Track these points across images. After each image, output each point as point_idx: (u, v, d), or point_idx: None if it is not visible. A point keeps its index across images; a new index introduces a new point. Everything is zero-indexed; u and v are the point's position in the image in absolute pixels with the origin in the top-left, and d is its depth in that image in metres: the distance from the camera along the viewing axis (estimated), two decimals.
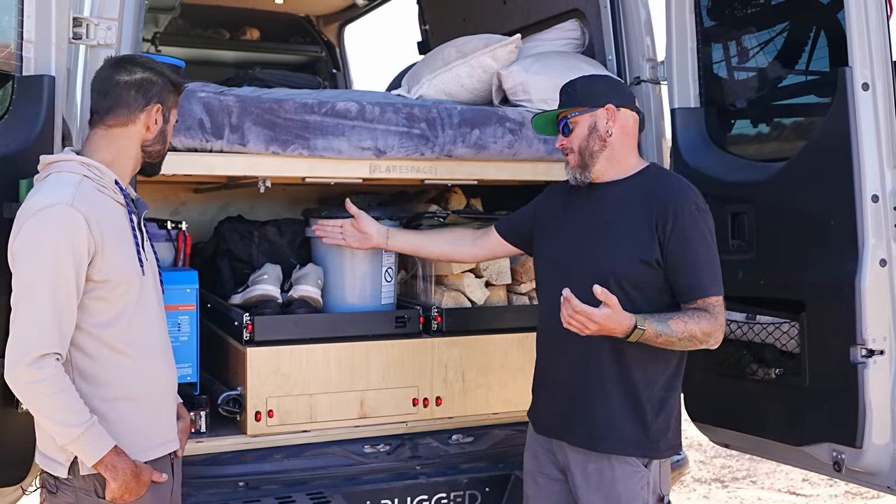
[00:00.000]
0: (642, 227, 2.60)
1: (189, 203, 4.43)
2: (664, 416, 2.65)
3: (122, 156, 2.41)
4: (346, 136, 3.20)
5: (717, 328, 2.56)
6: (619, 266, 2.61)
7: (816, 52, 3.10)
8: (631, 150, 2.75)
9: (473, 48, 3.56)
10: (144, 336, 2.38)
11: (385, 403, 3.36)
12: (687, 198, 2.62)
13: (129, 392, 2.34)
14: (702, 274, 2.57)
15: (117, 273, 2.29)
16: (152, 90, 2.44)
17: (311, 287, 3.33)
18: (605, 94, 2.73)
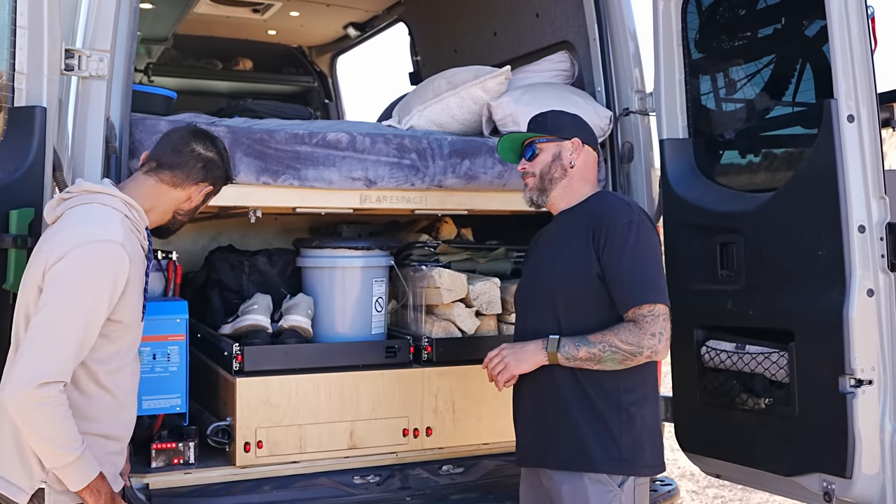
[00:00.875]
0: (582, 245, 2.68)
1: (180, 232, 4.41)
2: (635, 433, 2.66)
3: (157, 210, 2.49)
4: (337, 167, 3.22)
5: (644, 338, 2.58)
6: (563, 284, 2.71)
7: (803, 83, 3.13)
8: (586, 183, 2.84)
9: (464, 79, 3.59)
10: (127, 378, 2.42)
11: (375, 434, 3.35)
12: (620, 213, 2.69)
13: (108, 430, 2.37)
14: (630, 284, 2.62)
15: (128, 316, 2.35)
16: (214, 172, 2.56)
17: (302, 317, 3.33)
18: (574, 129, 2.85)
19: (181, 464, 3.15)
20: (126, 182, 2.55)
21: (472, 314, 3.56)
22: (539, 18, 4.23)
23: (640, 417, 2.69)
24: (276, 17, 6.01)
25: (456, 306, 3.53)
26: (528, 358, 2.69)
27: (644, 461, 2.68)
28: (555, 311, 2.71)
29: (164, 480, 3.10)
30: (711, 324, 3.27)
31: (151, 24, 5.44)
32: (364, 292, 3.46)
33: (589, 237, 2.67)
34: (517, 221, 4.19)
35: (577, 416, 2.66)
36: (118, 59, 2.95)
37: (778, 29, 3.25)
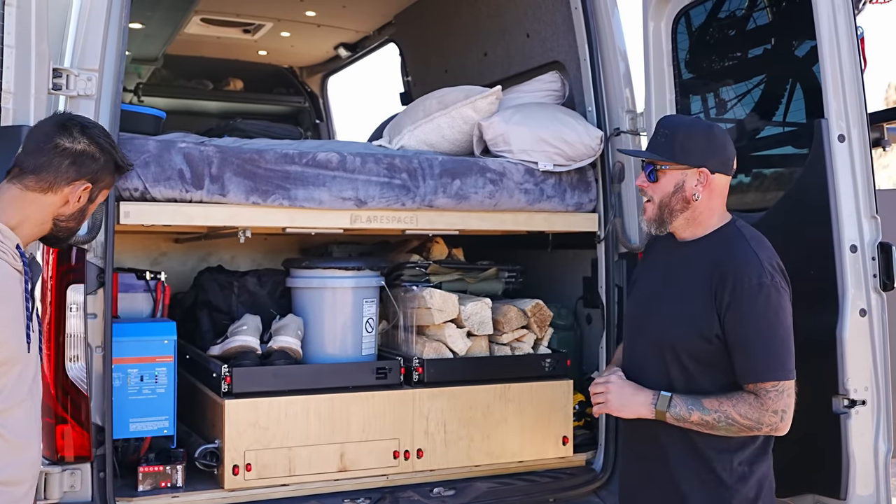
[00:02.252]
0: (703, 299, 2.42)
1: (169, 253, 4.40)
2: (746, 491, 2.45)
3: (28, 222, 2.20)
4: (327, 187, 3.20)
5: (764, 415, 2.35)
6: (678, 339, 2.46)
7: (792, 104, 3.14)
8: (714, 212, 2.54)
9: (454, 99, 3.59)
10: (20, 417, 2.14)
11: (365, 456, 3.31)
12: (749, 270, 2.39)
13: (6, 476, 2.11)
14: (755, 356, 2.37)
15: (5, 352, 2.07)
16: (90, 166, 2.25)
17: (291, 338, 3.30)
18: (704, 155, 2.49)
19: (169, 487, 3.10)
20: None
21: (464, 335, 3.54)
22: (529, 39, 4.24)
23: (757, 474, 2.48)
24: (266, 37, 6.02)
25: (447, 327, 3.51)
26: (632, 407, 2.47)
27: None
28: (663, 360, 2.50)
29: None
30: None
31: (142, 44, 5.44)
32: (354, 313, 3.43)
33: (711, 291, 2.41)
34: (508, 241, 4.18)
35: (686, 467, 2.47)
36: (106, 79, 2.92)
37: (768, 49, 3.27)
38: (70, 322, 2.82)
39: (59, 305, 2.82)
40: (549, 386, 3.58)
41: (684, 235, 2.56)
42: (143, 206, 3.01)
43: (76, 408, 2.83)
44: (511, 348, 3.64)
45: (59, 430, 2.82)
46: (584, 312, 3.97)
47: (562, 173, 3.56)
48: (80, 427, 2.84)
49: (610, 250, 3.63)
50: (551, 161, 3.51)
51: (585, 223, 3.64)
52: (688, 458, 2.47)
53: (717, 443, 2.43)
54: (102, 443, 2.88)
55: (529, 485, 3.49)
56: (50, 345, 2.81)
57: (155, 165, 3.00)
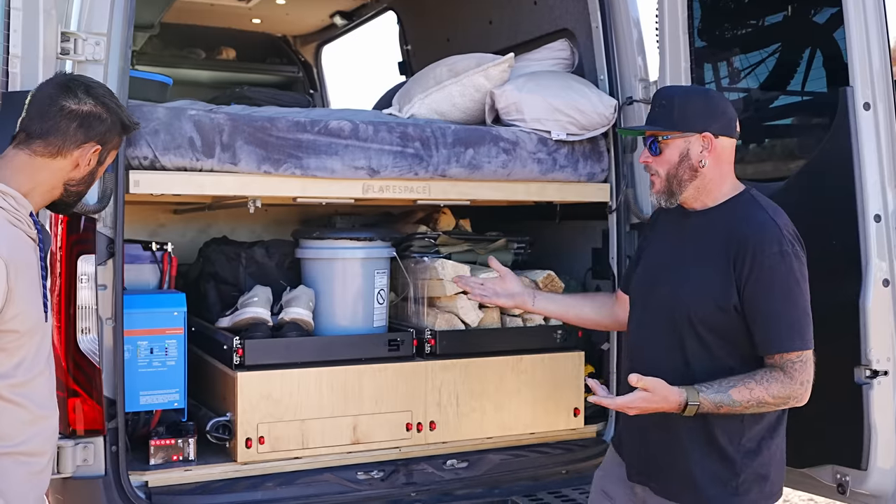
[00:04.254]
0: (719, 268, 2.37)
1: (168, 224, 4.33)
2: (755, 468, 2.41)
3: (39, 189, 2.14)
4: (340, 156, 3.13)
5: (794, 388, 2.32)
6: (694, 310, 2.39)
7: (812, 71, 3.10)
8: (725, 179, 2.48)
9: (466, 67, 3.52)
10: (40, 388, 2.12)
11: (378, 428, 3.28)
12: (769, 237, 2.33)
13: (27, 447, 2.09)
14: (779, 326, 2.31)
15: (24, 324, 2.03)
16: (97, 128, 2.19)
17: (303, 309, 3.25)
18: (705, 119, 2.43)
19: (181, 460, 3.06)
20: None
21: (476, 306, 3.50)
22: (537, 6, 4.17)
23: (765, 449, 2.43)
24: (261, 5, 5.89)
25: (459, 298, 3.47)
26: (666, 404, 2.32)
27: (763, 491, 2.43)
28: (680, 339, 2.43)
29: (164, 478, 3.01)
30: None
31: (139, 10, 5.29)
32: (366, 284, 3.38)
33: (729, 261, 2.34)
34: (515, 212, 4.14)
35: (695, 452, 2.41)
36: (114, 43, 2.84)
37: (787, 16, 3.22)
38: (81, 293, 2.76)
39: (70, 276, 2.75)
40: (561, 357, 3.56)
41: (695, 206, 2.50)
42: (153, 175, 2.93)
43: (88, 381, 2.77)
44: (523, 320, 3.60)
45: (71, 403, 2.76)
46: (594, 284, 3.93)
47: (574, 143, 3.51)
48: (93, 400, 2.78)
49: (622, 221, 3.60)
50: (564, 130, 3.46)
51: (597, 193, 3.59)
52: (696, 434, 2.41)
53: (729, 420, 2.37)
54: (114, 416, 2.83)
55: (542, 456, 3.48)
56: (60, 317, 2.75)
57: (165, 133, 2.92)
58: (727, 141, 2.47)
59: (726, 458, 2.39)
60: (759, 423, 2.40)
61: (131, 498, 2.82)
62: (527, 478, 3.39)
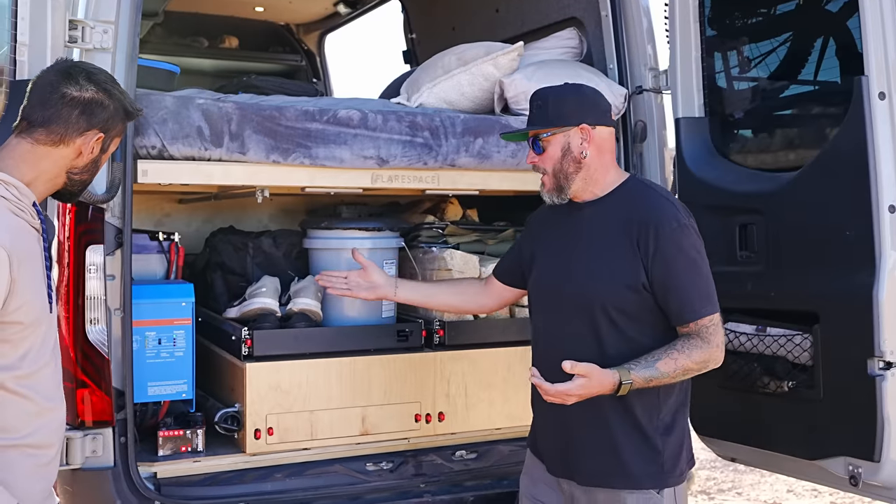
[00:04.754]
0: (623, 250, 2.45)
1: (173, 214, 4.30)
2: (674, 441, 2.51)
3: (42, 178, 2.10)
4: (349, 145, 3.11)
5: (712, 351, 2.43)
6: (603, 294, 2.46)
7: (826, 60, 3.07)
8: (609, 168, 2.58)
9: (474, 56, 3.49)
10: (45, 379, 2.09)
11: (387, 419, 3.27)
12: (667, 215, 2.46)
13: (34, 439, 2.06)
14: (690, 295, 2.42)
15: (28, 315, 2.00)
16: (100, 115, 2.15)
17: (311, 300, 3.24)
18: (579, 112, 2.54)
19: (189, 451, 3.05)
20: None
21: None
22: None
23: (680, 424, 2.53)
24: None
25: None
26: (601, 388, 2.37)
27: (681, 468, 2.54)
28: (594, 324, 2.48)
29: (173, 469, 3.00)
30: (730, 306, 3.18)
31: None
32: None
33: (632, 243, 2.43)
34: (521, 202, 4.11)
35: (615, 428, 2.47)
36: (122, 31, 2.80)
37: (799, 4, 3.19)
38: (90, 284, 2.74)
39: (78, 267, 2.73)
40: None
41: (585, 197, 2.58)
42: (162, 165, 2.90)
43: (97, 372, 2.76)
44: None
45: (80, 394, 2.74)
46: None
47: None
48: (101, 391, 2.76)
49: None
50: None
51: None
52: (618, 415, 2.47)
53: (645, 397, 2.46)
54: (123, 407, 2.82)
55: None
56: (69, 308, 2.73)
57: (173, 122, 2.90)
58: (605, 130, 2.58)
59: (647, 435, 2.48)
60: (671, 398, 2.50)
61: (140, 489, 2.81)
62: None
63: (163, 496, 2.86)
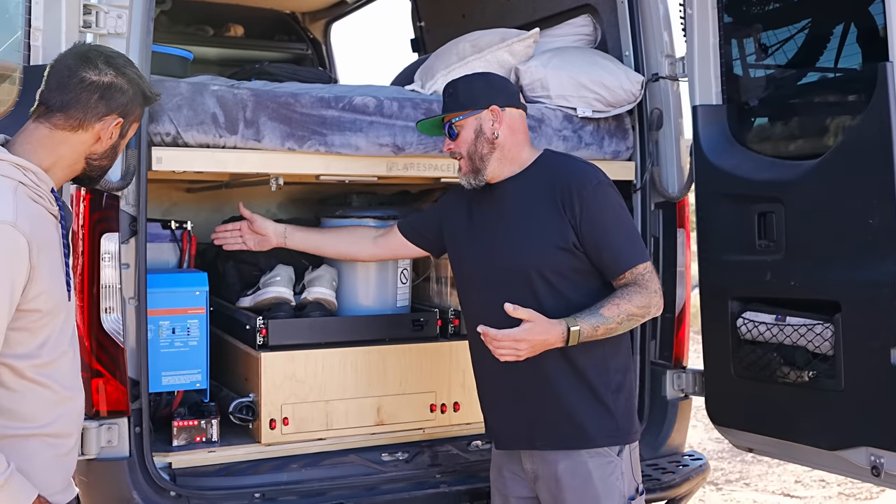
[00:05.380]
0: (550, 214, 2.55)
1: (181, 203, 4.27)
2: (625, 399, 2.62)
3: (61, 164, 2.07)
4: (364, 133, 3.07)
5: (651, 297, 2.52)
6: (536, 257, 2.55)
7: (847, 47, 3.04)
8: (522, 146, 2.69)
9: (489, 42, 3.46)
10: (64, 368, 2.07)
11: (402, 409, 3.25)
12: (587, 175, 2.60)
13: (53, 429, 2.04)
14: (621, 246, 2.55)
15: (47, 303, 1.97)
16: (119, 99, 2.11)
17: (326, 289, 3.21)
18: (488, 95, 2.66)
19: (204, 442, 3.03)
20: (15, 136, 2.07)
21: None
22: None
23: (627, 382, 2.65)
24: None
25: None
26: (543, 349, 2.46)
27: (635, 426, 2.66)
28: (531, 289, 2.54)
29: (187, 459, 2.98)
30: (747, 295, 3.18)
31: None
32: (389, 263, 3.34)
33: (557, 206, 2.53)
34: None
35: (567, 391, 2.56)
36: (136, 16, 2.78)
37: None
38: (104, 272, 2.71)
39: (93, 255, 2.70)
40: None
41: (502, 175, 2.66)
42: (176, 152, 2.87)
43: (112, 361, 2.73)
44: None
45: (95, 383, 2.72)
46: None
47: (600, 120, 3.45)
48: (116, 381, 2.74)
49: (647, 200, 3.54)
50: (590, 107, 3.40)
51: (622, 171, 3.53)
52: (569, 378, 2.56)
53: (593, 357, 2.56)
54: (138, 397, 2.79)
55: None
56: (83, 297, 2.70)
57: (187, 109, 2.86)
58: (515, 112, 2.69)
59: (599, 395, 2.56)
60: (618, 357, 2.62)
61: (156, 480, 2.78)
62: None
63: (178, 486, 2.83)
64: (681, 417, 3.54)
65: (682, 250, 3.52)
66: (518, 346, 2.43)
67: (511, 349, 2.44)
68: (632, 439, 2.62)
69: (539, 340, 2.43)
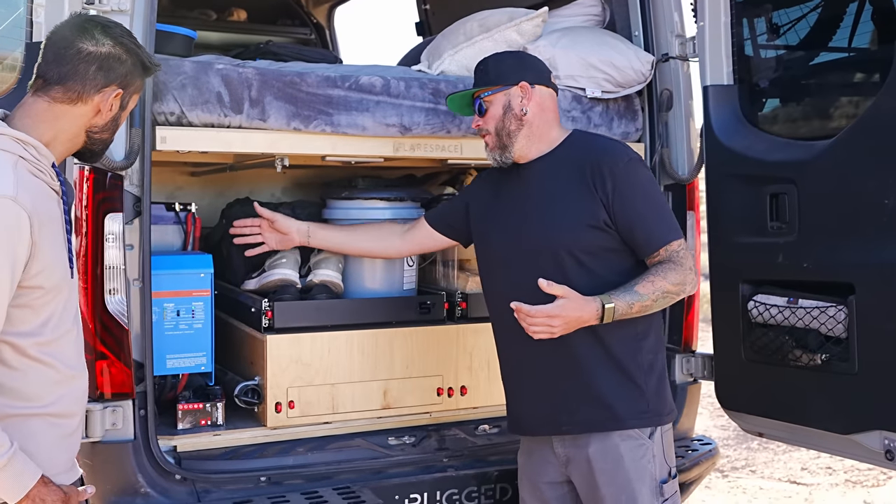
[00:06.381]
0: (581, 192, 2.53)
1: (185, 187, 4.23)
2: (656, 380, 2.60)
3: (61, 138, 2.03)
4: (371, 112, 3.03)
5: (686, 274, 2.50)
6: (567, 235, 2.54)
7: (861, 25, 2.99)
8: (552, 125, 2.67)
9: (497, 22, 3.40)
10: (67, 347, 2.04)
11: (409, 393, 3.22)
12: (617, 152, 2.58)
13: (57, 409, 2.02)
14: (655, 223, 2.52)
15: (49, 280, 1.95)
16: (118, 70, 2.06)
17: (332, 271, 3.17)
18: (518, 71, 2.64)
19: (209, 425, 2.99)
20: (14, 111, 2.03)
21: None
22: None
23: (659, 362, 2.62)
24: None
25: None
26: (577, 326, 2.44)
27: (667, 408, 2.63)
28: (561, 270, 2.51)
29: (193, 442, 2.95)
30: (759, 278, 3.14)
31: None
32: None
33: (588, 185, 2.52)
34: None
35: (597, 372, 2.54)
36: None
37: None
38: (108, 253, 2.68)
39: (97, 236, 2.67)
40: None
41: (530, 155, 2.64)
42: (180, 132, 2.83)
43: (117, 343, 2.70)
44: None
45: (99, 366, 2.69)
46: None
47: (609, 101, 3.41)
48: (121, 363, 2.71)
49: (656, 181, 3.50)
50: (599, 87, 3.36)
51: None
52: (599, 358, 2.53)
53: (624, 337, 2.54)
54: (142, 380, 2.76)
55: None
56: (87, 278, 2.67)
57: (192, 88, 2.82)
58: (545, 90, 2.67)
59: (629, 375, 2.54)
60: (648, 337, 2.58)
61: (161, 463, 2.75)
62: None
63: (183, 469, 2.80)
64: (690, 402, 3.51)
65: (692, 233, 3.47)
66: (552, 322, 2.40)
67: (545, 326, 2.41)
68: (664, 421, 2.59)
69: (573, 317, 2.41)
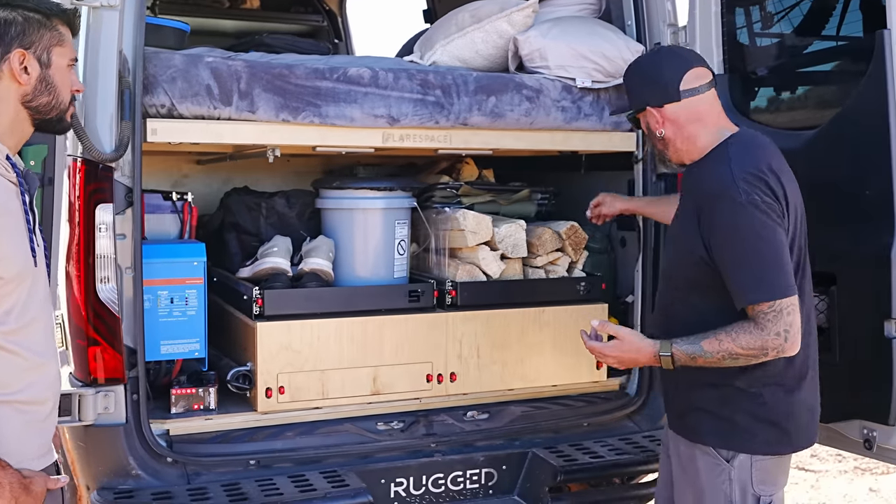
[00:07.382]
0: (692, 224, 2.40)
1: (192, 175, 4.31)
2: (758, 409, 2.40)
3: (3, 121, 1.98)
4: (359, 104, 3.07)
5: (766, 339, 2.26)
6: (677, 264, 2.53)
7: (850, 13, 2.98)
8: (695, 137, 2.47)
9: (488, 13, 3.43)
10: (34, 335, 2.03)
11: (398, 379, 3.27)
12: (725, 189, 2.31)
13: (27, 396, 2.02)
14: (744, 278, 2.29)
15: (9, 270, 1.94)
16: (9, 33, 1.96)
17: (323, 260, 3.23)
18: (641, 95, 2.53)
19: (201, 409, 3.07)
20: None
21: (497, 257, 3.45)
22: None
23: (772, 395, 2.39)
24: None
25: (480, 249, 3.42)
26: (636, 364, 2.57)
27: (762, 438, 2.40)
28: (672, 294, 2.55)
29: (185, 426, 3.03)
30: None
31: None
32: (386, 235, 3.35)
33: (695, 216, 2.38)
34: (539, 162, 4.07)
35: (693, 385, 2.47)
36: None
37: None
38: (100, 242, 2.75)
39: (88, 226, 2.74)
40: (584, 310, 3.50)
41: (687, 162, 2.55)
42: (171, 124, 2.89)
43: (109, 330, 2.77)
44: (545, 272, 3.56)
45: (92, 352, 2.77)
46: (619, 235, 3.87)
47: (600, 90, 3.42)
48: (113, 349, 2.78)
49: (648, 171, 3.51)
50: (590, 77, 3.37)
51: (624, 143, 3.50)
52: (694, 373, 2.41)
53: None
54: (135, 365, 2.84)
55: (563, 409, 3.46)
56: (79, 266, 2.75)
57: (182, 81, 2.88)
58: (676, 107, 2.47)
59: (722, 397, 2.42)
60: (759, 368, 2.37)
61: (152, 446, 2.84)
62: (548, 430, 3.37)
63: (175, 453, 2.89)
64: None
65: None
66: (604, 359, 2.52)
67: (599, 357, 2.54)
68: (753, 450, 2.42)
69: (628, 357, 2.47)
